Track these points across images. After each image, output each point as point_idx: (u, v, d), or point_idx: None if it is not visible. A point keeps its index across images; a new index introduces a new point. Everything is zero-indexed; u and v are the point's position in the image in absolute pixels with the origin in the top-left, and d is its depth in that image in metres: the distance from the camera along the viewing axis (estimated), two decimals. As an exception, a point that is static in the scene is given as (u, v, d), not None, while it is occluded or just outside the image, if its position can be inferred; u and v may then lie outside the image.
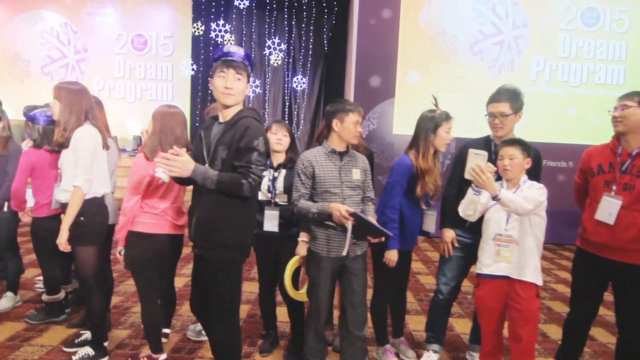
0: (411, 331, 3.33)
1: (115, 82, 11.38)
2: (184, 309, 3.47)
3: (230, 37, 11.17)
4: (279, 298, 2.86)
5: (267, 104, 11.60)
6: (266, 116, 11.63)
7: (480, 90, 6.90)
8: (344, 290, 2.39)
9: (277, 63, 11.32)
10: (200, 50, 11.29)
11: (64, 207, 2.52)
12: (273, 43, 11.09)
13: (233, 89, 2.01)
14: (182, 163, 1.87)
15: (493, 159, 2.46)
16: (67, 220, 2.44)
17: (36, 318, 3.12)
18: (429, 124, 2.55)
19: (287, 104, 11.63)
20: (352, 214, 2.17)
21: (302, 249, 2.50)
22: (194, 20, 11.13)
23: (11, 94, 10.60)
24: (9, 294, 3.33)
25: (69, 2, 11.27)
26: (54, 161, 2.95)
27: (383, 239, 2.33)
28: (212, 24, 11.08)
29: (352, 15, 6.96)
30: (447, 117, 2.57)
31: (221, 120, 2.12)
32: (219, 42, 11.20)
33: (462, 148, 2.64)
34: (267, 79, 11.49)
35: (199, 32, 11.15)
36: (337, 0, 10.83)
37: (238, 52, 2.08)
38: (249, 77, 2.10)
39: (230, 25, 11.13)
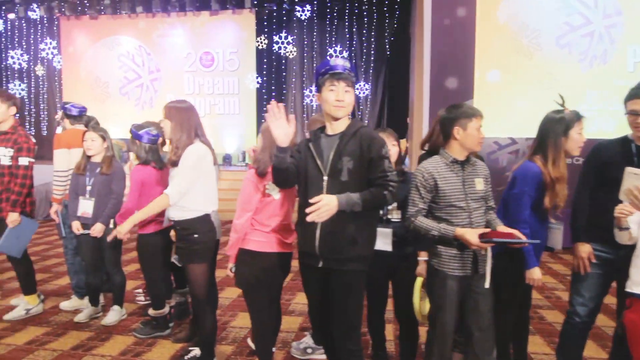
0: (530, 354, 3.01)
1: (185, 99, 11.77)
2: (238, 321, 3.48)
3: (293, 48, 11.27)
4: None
5: (330, 112, 11.54)
6: (329, 124, 11.59)
7: (571, 86, 6.43)
8: (469, 312, 2.17)
9: (339, 71, 11.24)
10: (263, 63, 11.48)
11: (176, 224, 2.51)
12: (335, 51, 11.03)
13: (344, 101, 2.01)
14: (328, 205, 1.87)
15: (635, 162, 2.17)
16: (138, 217, 2.64)
17: (144, 332, 3.16)
18: (559, 126, 2.28)
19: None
20: (487, 240, 1.98)
21: (423, 269, 2.33)
22: (258, 34, 11.33)
23: (94, 114, 11.29)
24: (116, 307, 3.41)
25: (142, 26, 11.86)
26: (161, 178, 2.99)
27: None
28: (274, 36, 11.22)
29: (420, 16, 6.70)
30: (578, 116, 2.29)
31: (330, 132, 2.09)
32: (282, 54, 11.33)
33: (596, 151, 2.35)
34: (330, 87, 11.44)
35: (262, 46, 11.33)
36: (398, 4, 10.61)
37: (344, 64, 2.07)
38: (354, 87, 2.08)
39: (292, 37, 11.22)
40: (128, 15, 11.54)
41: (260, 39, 11.30)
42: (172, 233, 2.74)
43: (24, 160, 3.19)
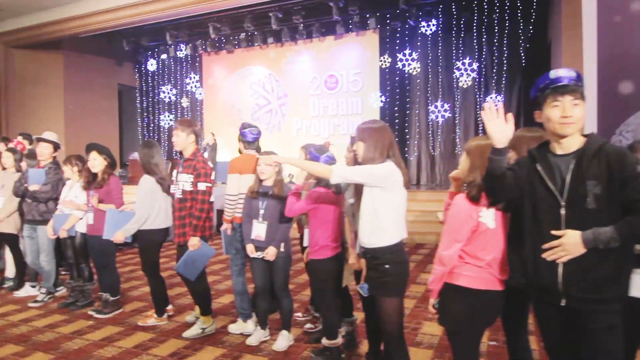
0: None
1: (311, 121, 12.10)
2: None
3: (417, 64, 10.91)
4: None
5: (458, 127, 10.90)
6: (457, 140, 10.94)
7: None
8: None
9: (466, 84, 10.58)
10: (387, 81, 11.29)
11: (366, 251, 2.30)
12: (463, 64, 10.41)
13: (572, 117, 1.70)
14: (572, 246, 1.65)
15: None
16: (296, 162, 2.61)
17: (317, 362, 3.01)
18: None
19: (480, 125, 10.71)
20: None
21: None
22: (381, 53, 11.21)
23: (231, 139, 12.13)
24: (284, 332, 3.32)
25: (272, 55, 12.51)
26: (337, 201, 2.85)
27: None
28: (398, 54, 10.99)
29: (573, 16, 5.90)
30: None
31: (560, 151, 1.77)
32: (406, 71, 11.03)
33: None
34: (457, 102, 10.83)
35: (385, 64, 11.17)
36: (534, 10, 9.69)
37: (569, 74, 1.72)
38: (584, 98, 1.72)
39: (416, 53, 10.87)
40: (259, 46, 12.26)
41: (384, 57, 11.16)
42: (362, 261, 2.54)
43: (202, 186, 3.30)
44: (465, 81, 10.49)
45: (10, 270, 5.01)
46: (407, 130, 11.29)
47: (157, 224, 3.60)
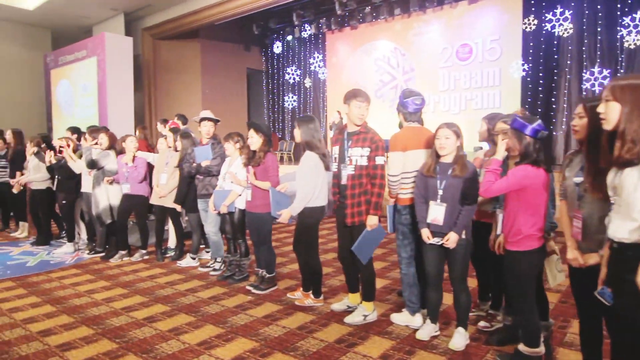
0: None
1: (439, 96, 11.24)
2: None
3: (569, 25, 9.37)
4: None
5: (621, 96, 9.16)
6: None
7: None
8: None
9: (634, 44, 8.78)
10: (530, 47, 9.92)
11: (624, 247, 1.74)
12: (633, 19, 8.64)
13: None
14: None
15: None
16: None
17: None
18: None
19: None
20: None
21: None
22: (525, 15, 9.86)
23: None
24: (461, 329, 2.89)
25: (398, 28, 11.84)
26: (547, 182, 2.31)
27: None
28: (547, 14, 9.55)
29: None
30: None
31: None
32: (555, 34, 9.56)
33: None
34: (621, 66, 9.08)
35: (530, 28, 9.80)
36: None
37: None
38: None
39: (569, 11, 9.32)
40: (385, 19, 11.67)
41: (528, 20, 9.79)
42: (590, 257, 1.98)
43: (380, 160, 2.99)
44: (634, 40, 8.72)
45: (172, 241, 5.35)
46: (553, 102, 9.86)
47: (318, 202, 3.40)
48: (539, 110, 9.88)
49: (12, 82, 13.05)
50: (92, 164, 4.88)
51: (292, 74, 14.31)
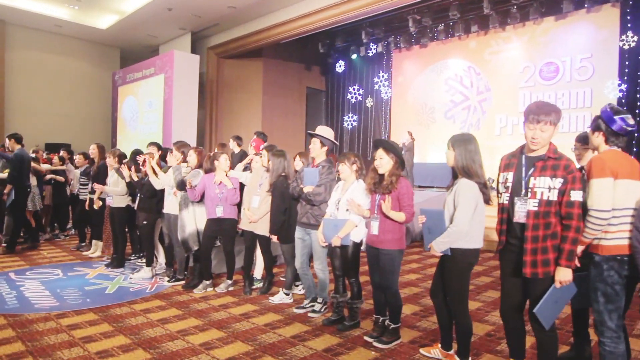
0: None
1: (519, 118, 10.32)
2: None
3: (677, 41, 8.33)
4: None
5: None
6: None
7: None
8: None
9: None
10: (626, 67, 8.91)
11: None
12: None
13: None
14: None
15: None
16: None
17: None
18: None
19: None
20: None
21: None
22: (622, 32, 8.91)
23: (419, 139, 11.12)
24: None
25: (473, 46, 11.11)
26: None
27: None
28: (650, 30, 8.57)
29: None
30: None
31: None
32: (660, 51, 8.54)
33: None
34: None
35: (629, 45, 8.82)
36: None
37: None
38: None
39: (678, 27, 8.31)
40: (459, 37, 10.99)
41: (627, 36, 8.83)
42: None
43: (578, 195, 2.26)
44: None
45: (258, 271, 4.77)
46: (655, 126, 8.74)
47: (472, 243, 2.69)
48: (637, 134, 8.81)
49: (81, 99, 13.23)
50: (182, 185, 4.40)
51: (355, 94, 13.79)
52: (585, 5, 8.95)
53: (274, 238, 4.07)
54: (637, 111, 8.89)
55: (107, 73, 13.68)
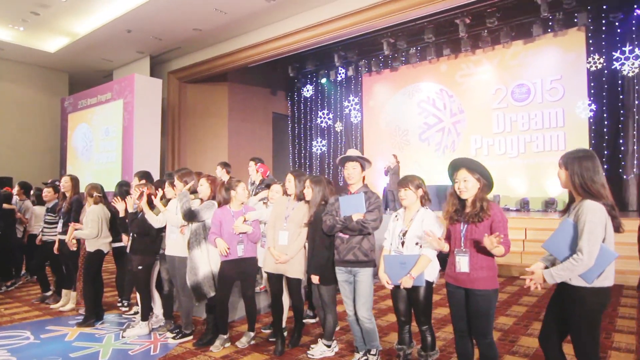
0: None
1: (494, 139, 10.43)
2: None
3: (637, 62, 8.78)
4: None
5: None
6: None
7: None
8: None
9: None
10: (597, 86, 9.25)
11: None
12: None
13: None
14: None
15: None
16: None
17: None
18: None
19: None
20: None
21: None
22: (589, 54, 9.29)
23: (405, 161, 10.89)
24: None
25: (444, 69, 11.18)
26: None
27: None
28: (613, 53, 8.97)
29: None
30: None
31: None
32: (623, 73, 8.94)
33: None
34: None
35: (596, 67, 9.20)
36: None
37: None
38: None
39: (639, 49, 8.77)
40: (429, 61, 11.02)
41: (594, 58, 9.21)
42: None
43: None
44: None
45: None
46: (622, 144, 9.10)
47: (604, 280, 2.22)
48: (606, 152, 9.11)
49: (25, 127, 11.76)
50: (191, 215, 3.64)
51: (324, 118, 13.44)
52: (554, 29, 9.26)
53: (315, 279, 3.40)
54: (604, 129, 9.22)
55: (54, 99, 12.33)
